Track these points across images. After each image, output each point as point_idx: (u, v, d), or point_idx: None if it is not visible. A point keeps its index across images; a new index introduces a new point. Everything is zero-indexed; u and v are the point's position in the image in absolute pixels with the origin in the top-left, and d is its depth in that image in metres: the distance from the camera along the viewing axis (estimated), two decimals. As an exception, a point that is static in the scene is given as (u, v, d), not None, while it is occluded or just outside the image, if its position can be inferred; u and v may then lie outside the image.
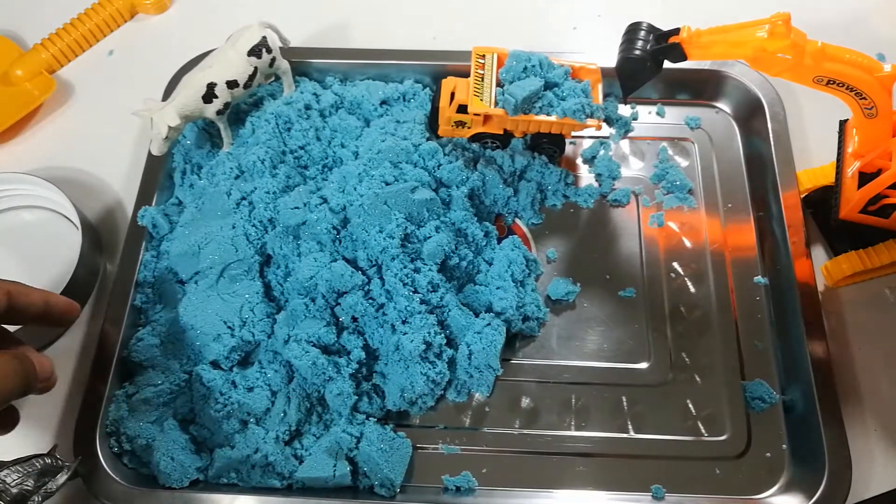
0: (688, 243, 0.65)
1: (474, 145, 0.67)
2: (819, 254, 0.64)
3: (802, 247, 0.61)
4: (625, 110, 0.72)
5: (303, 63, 0.71)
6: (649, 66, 0.54)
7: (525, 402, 0.59)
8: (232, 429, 0.56)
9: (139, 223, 0.63)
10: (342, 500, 0.54)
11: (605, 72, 0.63)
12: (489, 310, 0.59)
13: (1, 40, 0.77)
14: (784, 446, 0.56)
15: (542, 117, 0.62)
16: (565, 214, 0.67)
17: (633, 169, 0.69)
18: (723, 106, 0.72)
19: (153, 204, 0.65)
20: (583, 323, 0.62)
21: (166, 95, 0.70)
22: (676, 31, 0.53)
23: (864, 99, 0.51)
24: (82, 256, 0.60)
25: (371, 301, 0.57)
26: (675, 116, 0.72)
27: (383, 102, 0.69)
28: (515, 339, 0.61)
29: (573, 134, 0.68)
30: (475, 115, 0.63)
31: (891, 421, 0.57)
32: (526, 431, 0.58)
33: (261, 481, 0.54)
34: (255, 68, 0.64)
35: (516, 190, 0.66)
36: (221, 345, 0.57)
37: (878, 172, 0.56)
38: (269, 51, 0.64)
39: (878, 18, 0.77)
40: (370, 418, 0.57)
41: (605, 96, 0.65)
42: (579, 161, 0.70)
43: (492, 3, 0.80)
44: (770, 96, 0.68)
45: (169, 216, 0.64)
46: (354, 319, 0.58)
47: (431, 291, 0.57)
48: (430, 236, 0.58)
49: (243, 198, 0.62)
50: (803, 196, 0.64)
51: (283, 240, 0.60)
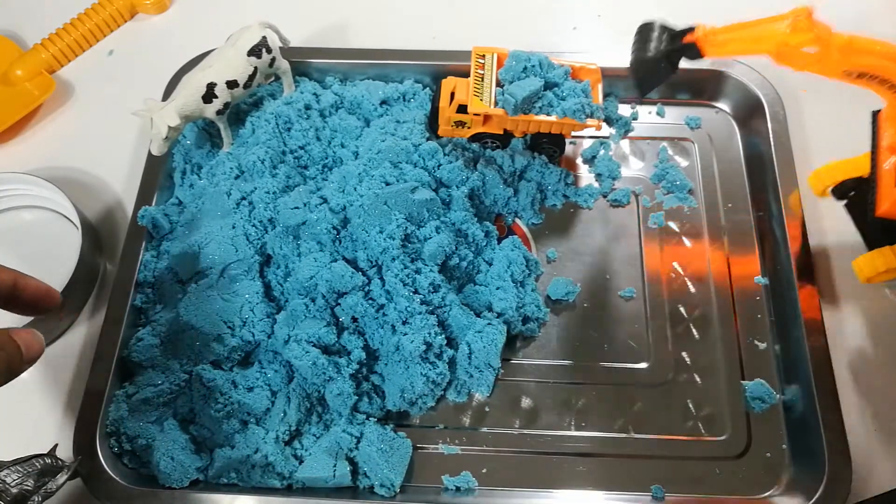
0: (688, 243, 0.65)
1: (474, 145, 0.67)
2: (839, 248, 0.62)
3: (802, 247, 0.61)
4: (625, 110, 0.72)
5: (303, 63, 0.71)
6: (663, 66, 0.54)
7: (525, 402, 0.59)
8: (232, 429, 0.56)
9: (139, 223, 0.63)
10: (342, 500, 0.54)
11: (605, 72, 0.64)
12: (489, 310, 0.59)
13: (1, 40, 0.76)
14: (784, 446, 0.56)
15: (542, 117, 0.62)
16: (565, 214, 0.67)
17: (634, 169, 0.69)
18: (723, 106, 0.72)
19: (153, 204, 0.65)
20: (583, 323, 0.62)
21: (166, 95, 0.70)
22: (691, 30, 0.52)
23: None
24: (82, 256, 0.60)
25: (371, 301, 0.57)
26: (676, 116, 0.72)
27: (383, 102, 0.69)
28: (515, 339, 0.61)
29: (573, 134, 0.68)
30: (475, 115, 0.63)
31: (891, 421, 0.57)
32: (526, 431, 0.58)
33: (261, 481, 0.54)
34: (255, 68, 0.64)
35: (516, 190, 0.66)
36: (221, 345, 0.57)
37: None
38: (269, 51, 0.64)
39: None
40: (370, 418, 0.57)
41: (605, 96, 0.65)
42: (579, 161, 0.70)
43: (492, 3, 0.80)
44: (770, 96, 0.68)
45: (169, 216, 0.64)
46: (354, 320, 0.58)
47: (432, 292, 0.57)
48: (430, 237, 0.58)
49: (243, 198, 0.62)
50: (831, 188, 0.63)
51: (283, 240, 0.60)
